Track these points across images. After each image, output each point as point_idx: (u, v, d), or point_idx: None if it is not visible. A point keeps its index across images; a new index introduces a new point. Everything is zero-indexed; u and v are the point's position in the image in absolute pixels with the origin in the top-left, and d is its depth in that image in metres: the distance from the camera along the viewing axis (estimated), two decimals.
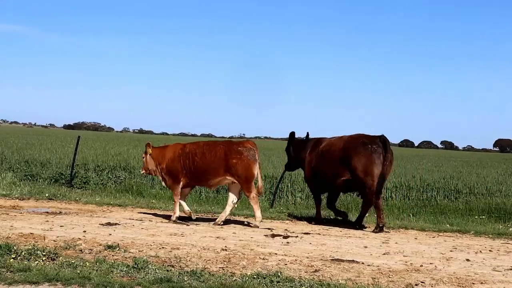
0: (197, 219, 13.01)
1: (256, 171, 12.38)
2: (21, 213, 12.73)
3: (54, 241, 9.53)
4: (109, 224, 11.65)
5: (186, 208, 12.86)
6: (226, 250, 9.51)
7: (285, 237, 11.14)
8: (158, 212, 13.83)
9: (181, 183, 12.74)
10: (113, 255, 8.71)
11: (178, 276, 7.62)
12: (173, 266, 8.21)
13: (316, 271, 8.31)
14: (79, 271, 7.60)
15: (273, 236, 11.21)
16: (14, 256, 8.16)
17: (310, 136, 14.46)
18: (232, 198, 12.65)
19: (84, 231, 10.64)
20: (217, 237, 10.71)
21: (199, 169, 12.54)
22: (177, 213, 12.63)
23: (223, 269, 8.19)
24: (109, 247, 9.15)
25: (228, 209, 12.58)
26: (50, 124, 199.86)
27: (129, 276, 7.60)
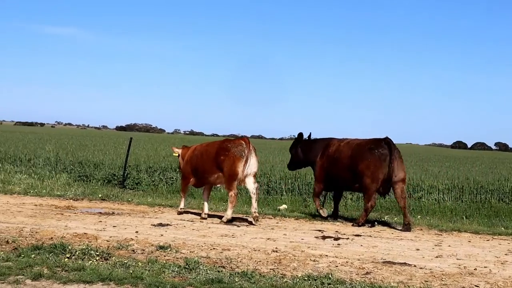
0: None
1: (240, 168, 12.53)
2: (75, 213, 12.95)
3: (107, 241, 9.66)
4: (160, 224, 11.76)
5: (206, 209, 13.41)
6: (276, 251, 9.51)
7: (336, 239, 11.08)
8: (209, 213, 13.88)
9: (192, 183, 13.58)
10: (164, 256, 8.79)
11: (229, 277, 7.64)
12: (224, 267, 8.24)
13: (367, 273, 8.24)
14: (131, 271, 7.69)
15: (324, 238, 11.16)
16: (68, 256, 8.31)
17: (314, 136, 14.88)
18: (251, 188, 12.82)
19: (136, 232, 10.77)
20: (268, 239, 10.71)
21: (199, 169, 13.21)
22: (182, 204, 13.75)
23: (274, 271, 8.19)
24: (161, 247, 9.24)
25: (253, 201, 12.75)
26: (103, 126, 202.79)
27: (181, 277, 7.66)
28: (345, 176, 13.49)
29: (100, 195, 16.15)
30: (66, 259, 8.16)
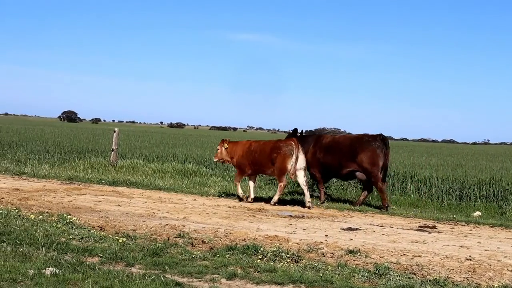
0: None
1: (290, 164, 14.81)
2: (267, 215, 13.28)
3: (297, 243, 9.81)
4: (350, 229, 11.75)
5: (252, 192, 15.75)
6: (470, 259, 9.15)
7: None
8: (399, 219, 13.68)
9: (247, 173, 15.82)
10: (354, 260, 8.78)
11: (420, 284, 7.49)
12: (414, 274, 8.08)
13: None
14: (321, 274, 7.76)
15: None
16: (260, 257, 8.56)
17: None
18: (302, 181, 15.08)
19: (326, 235, 10.84)
20: (461, 246, 10.34)
21: (257, 162, 15.49)
22: (240, 190, 15.77)
23: (468, 280, 7.90)
24: (350, 252, 9.22)
25: (305, 191, 14.99)
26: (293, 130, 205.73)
27: (371, 282, 7.61)
28: (342, 164, 15.71)
29: (289, 199, 16.43)
30: (258, 260, 8.40)
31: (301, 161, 14.97)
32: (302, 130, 17.07)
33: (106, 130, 65.89)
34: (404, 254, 9.38)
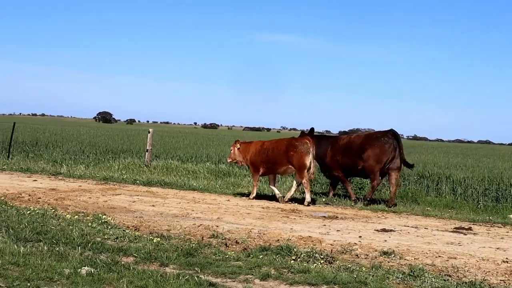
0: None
1: (308, 161, 15.15)
2: (300, 216, 13.26)
3: (331, 245, 9.79)
4: (384, 230, 11.67)
5: (277, 191, 15.96)
6: (507, 262, 9.04)
7: None
8: (434, 220, 13.55)
9: (260, 172, 15.96)
10: (388, 262, 8.72)
11: (456, 287, 7.42)
12: (450, 276, 8.00)
13: None
14: (355, 276, 7.72)
15: None
16: (294, 258, 8.55)
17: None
18: (297, 181, 15.47)
19: (360, 236, 10.79)
20: (497, 248, 10.21)
21: (270, 161, 15.73)
22: (255, 193, 16.04)
23: (505, 282, 7.81)
24: (385, 253, 9.17)
25: (293, 189, 15.67)
26: (326, 131, 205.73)
27: (405, 284, 7.55)
28: (357, 163, 15.95)
29: (323, 199, 16.41)
30: (292, 261, 8.39)
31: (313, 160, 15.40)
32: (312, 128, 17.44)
33: (140, 130, 66.27)
34: (439, 256, 9.30)
